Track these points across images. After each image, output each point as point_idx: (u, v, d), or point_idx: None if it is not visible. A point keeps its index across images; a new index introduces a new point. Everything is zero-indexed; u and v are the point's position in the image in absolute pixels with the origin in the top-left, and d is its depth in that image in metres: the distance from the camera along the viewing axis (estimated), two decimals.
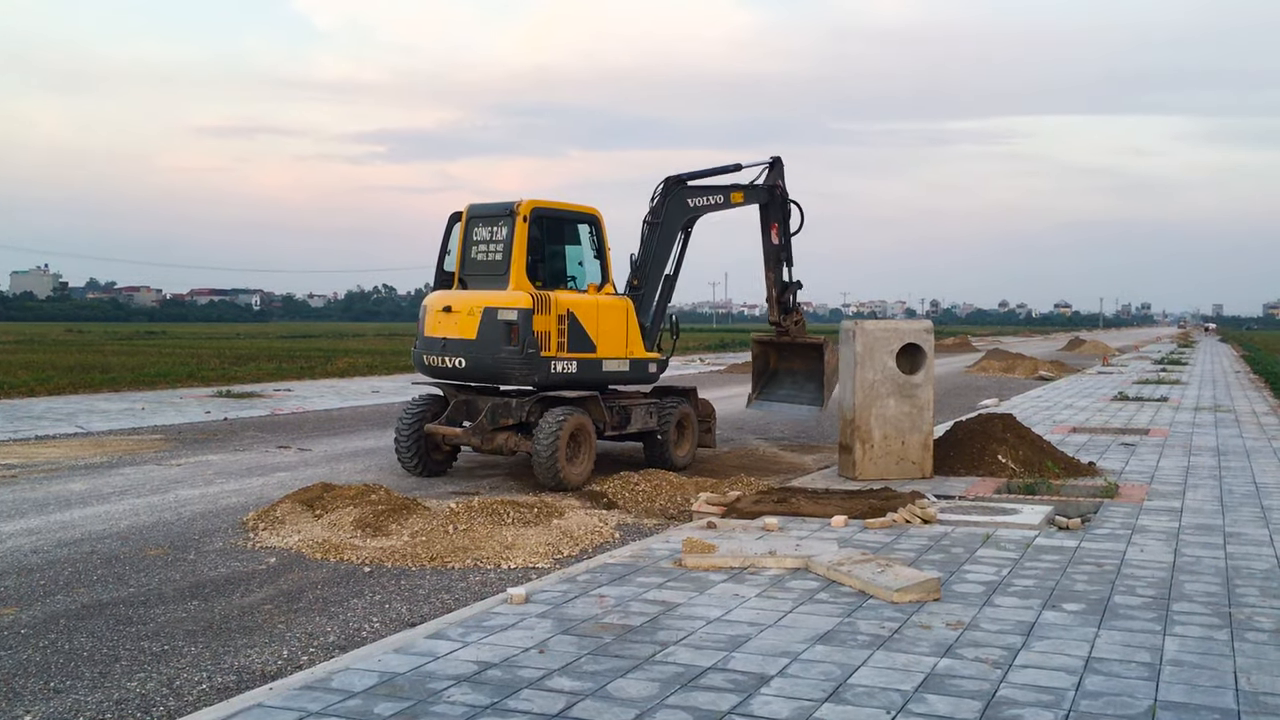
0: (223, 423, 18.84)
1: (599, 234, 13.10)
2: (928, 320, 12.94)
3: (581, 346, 12.37)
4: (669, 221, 13.57)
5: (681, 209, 13.72)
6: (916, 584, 6.81)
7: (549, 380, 12.11)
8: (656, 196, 13.54)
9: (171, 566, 8.31)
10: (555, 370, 12.10)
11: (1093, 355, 53.96)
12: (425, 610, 7.11)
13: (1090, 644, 5.88)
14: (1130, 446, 15.10)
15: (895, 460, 11.99)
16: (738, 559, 7.74)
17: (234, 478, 12.64)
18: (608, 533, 9.42)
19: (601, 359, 12.57)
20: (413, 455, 12.69)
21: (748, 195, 14.73)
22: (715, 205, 14.20)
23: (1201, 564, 7.85)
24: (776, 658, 5.60)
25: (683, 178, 13.77)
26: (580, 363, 12.35)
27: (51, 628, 6.73)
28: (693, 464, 13.69)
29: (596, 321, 12.54)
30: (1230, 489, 11.36)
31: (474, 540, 8.72)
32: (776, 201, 14.99)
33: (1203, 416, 20.00)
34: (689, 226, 13.99)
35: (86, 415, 19.47)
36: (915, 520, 9.26)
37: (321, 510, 9.65)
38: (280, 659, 6.16)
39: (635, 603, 6.70)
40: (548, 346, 12.00)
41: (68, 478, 12.52)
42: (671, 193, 13.62)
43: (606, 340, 12.63)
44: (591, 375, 12.51)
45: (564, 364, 12.19)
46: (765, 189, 14.86)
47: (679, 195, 13.66)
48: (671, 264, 13.84)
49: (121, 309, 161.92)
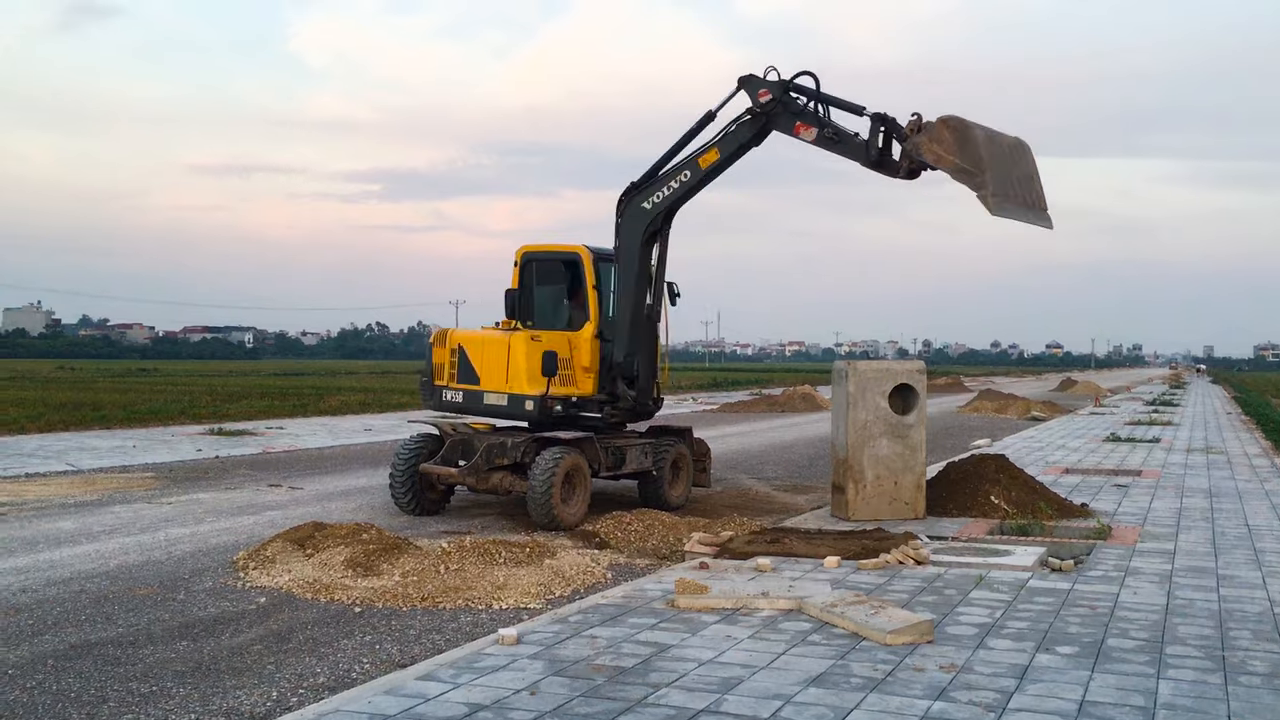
0: (214, 461, 18.77)
1: (580, 274, 13.07)
2: (920, 360, 12.97)
3: (468, 379, 12.98)
4: (626, 240, 12.57)
5: (639, 218, 12.43)
6: (909, 626, 6.79)
7: (440, 405, 13.23)
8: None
9: (161, 606, 8.25)
10: (444, 398, 13.14)
11: (1085, 396, 54.08)
12: (416, 651, 7.07)
13: (1084, 687, 5.86)
14: (1123, 488, 15.10)
15: (888, 501, 11.98)
16: (730, 600, 7.71)
17: (225, 516, 12.58)
18: (600, 573, 9.39)
19: (483, 391, 12.85)
20: (408, 494, 12.67)
21: (727, 145, 12.09)
22: (685, 187, 12.25)
23: (1195, 607, 7.84)
24: (770, 700, 5.58)
25: (637, 182, 12.53)
26: (465, 393, 13.00)
27: (39, 668, 6.67)
28: (687, 504, 13.66)
29: (481, 356, 12.92)
30: (1223, 531, 11.36)
31: (465, 580, 8.68)
32: (777, 110, 11.88)
33: (1195, 458, 20.03)
34: (659, 231, 12.65)
35: (77, 453, 19.39)
36: (908, 561, 9.24)
37: (312, 549, 9.60)
38: (270, 700, 6.12)
39: (627, 644, 6.67)
40: (441, 376, 13.17)
41: (58, 516, 12.45)
42: (625, 205, 12.52)
43: (488, 374, 12.85)
44: (473, 405, 13.00)
45: (452, 393, 13.08)
46: (753, 115, 11.98)
47: (634, 204, 12.47)
48: (647, 289, 12.71)
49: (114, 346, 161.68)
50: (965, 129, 11.06)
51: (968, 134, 11.02)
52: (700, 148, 12.24)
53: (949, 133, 11.04)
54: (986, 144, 11.12)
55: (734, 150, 12.12)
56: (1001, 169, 11.13)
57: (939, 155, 11.05)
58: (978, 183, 10.88)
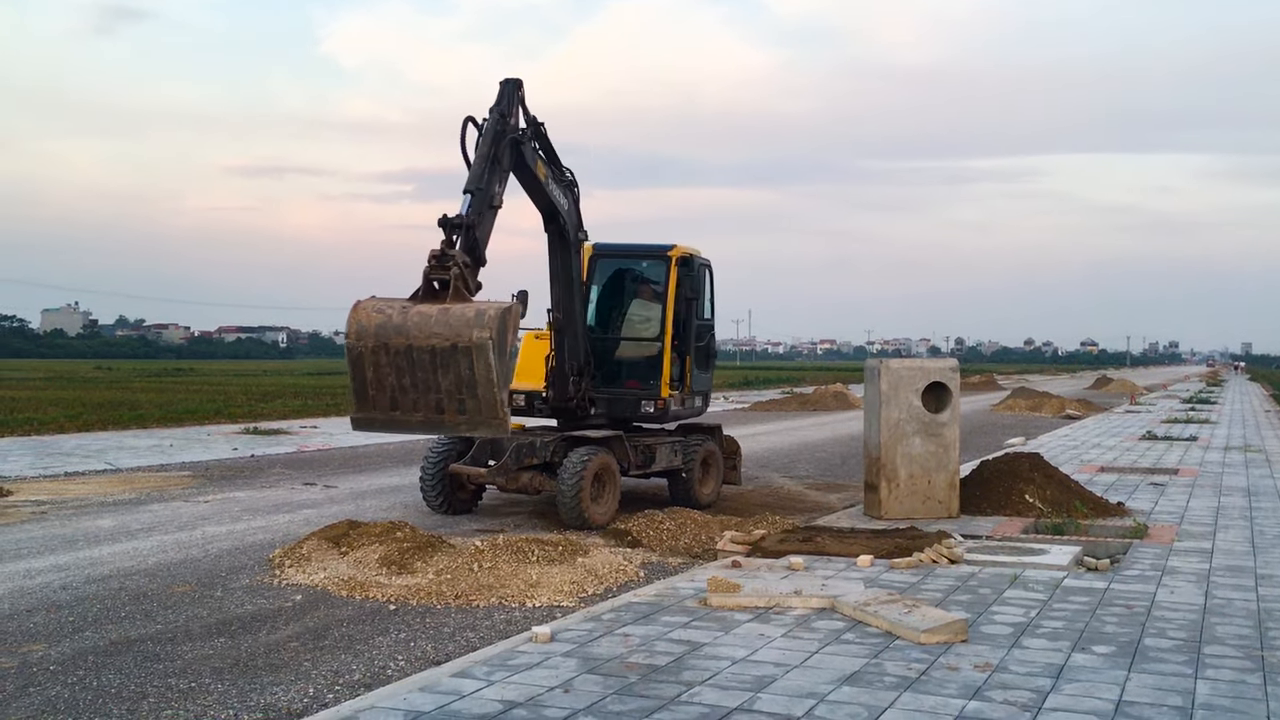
0: (250, 460, 18.95)
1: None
2: (953, 359, 12.90)
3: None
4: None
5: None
6: (944, 625, 6.77)
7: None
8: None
9: (198, 603, 8.35)
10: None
11: (1120, 394, 53.53)
12: (450, 649, 7.11)
13: (1121, 687, 5.82)
14: (1159, 486, 14.96)
15: (921, 499, 11.92)
16: (763, 598, 7.70)
17: (261, 515, 12.70)
18: (632, 571, 9.40)
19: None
20: (438, 494, 12.73)
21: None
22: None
23: (1233, 606, 7.76)
24: (803, 699, 5.57)
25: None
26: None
27: (80, 664, 6.77)
28: (717, 502, 13.66)
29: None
30: (1261, 530, 11.23)
31: (499, 578, 8.72)
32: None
33: (1233, 456, 19.80)
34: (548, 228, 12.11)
35: (115, 452, 19.63)
36: (942, 560, 9.19)
37: (347, 548, 9.67)
38: (306, 697, 6.18)
39: (660, 642, 6.68)
40: None
41: (96, 514, 12.61)
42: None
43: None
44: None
45: None
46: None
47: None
48: (559, 293, 12.21)
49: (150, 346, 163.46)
50: None
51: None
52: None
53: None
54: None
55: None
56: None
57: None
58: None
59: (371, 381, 9.63)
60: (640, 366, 13.20)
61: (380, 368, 9.53)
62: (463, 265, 9.65)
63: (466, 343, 9.10)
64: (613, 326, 13.59)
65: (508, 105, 10.87)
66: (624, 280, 13.84)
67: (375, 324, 9.53)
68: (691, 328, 13.20)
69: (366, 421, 9.92)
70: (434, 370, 9.32)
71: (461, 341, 9.11)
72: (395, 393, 9.57)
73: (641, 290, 13.52)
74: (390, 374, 9.51)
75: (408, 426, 9.83)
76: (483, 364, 9.09)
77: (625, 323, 13.52)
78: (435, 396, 9.43)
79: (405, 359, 9.41)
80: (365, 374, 9.64)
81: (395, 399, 9.61)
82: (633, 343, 13.35)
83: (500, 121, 10.70)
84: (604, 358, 13.17)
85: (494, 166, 10.53)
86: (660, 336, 12.99)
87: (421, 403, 9.52)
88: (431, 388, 9.41)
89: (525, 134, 11.09)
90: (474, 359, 9.11)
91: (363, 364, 9.60)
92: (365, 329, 9.57)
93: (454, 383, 9.27)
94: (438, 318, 9.28)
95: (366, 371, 9.62)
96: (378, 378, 9.58)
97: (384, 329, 9.46)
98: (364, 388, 9.71)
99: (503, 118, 10.75)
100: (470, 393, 9.25)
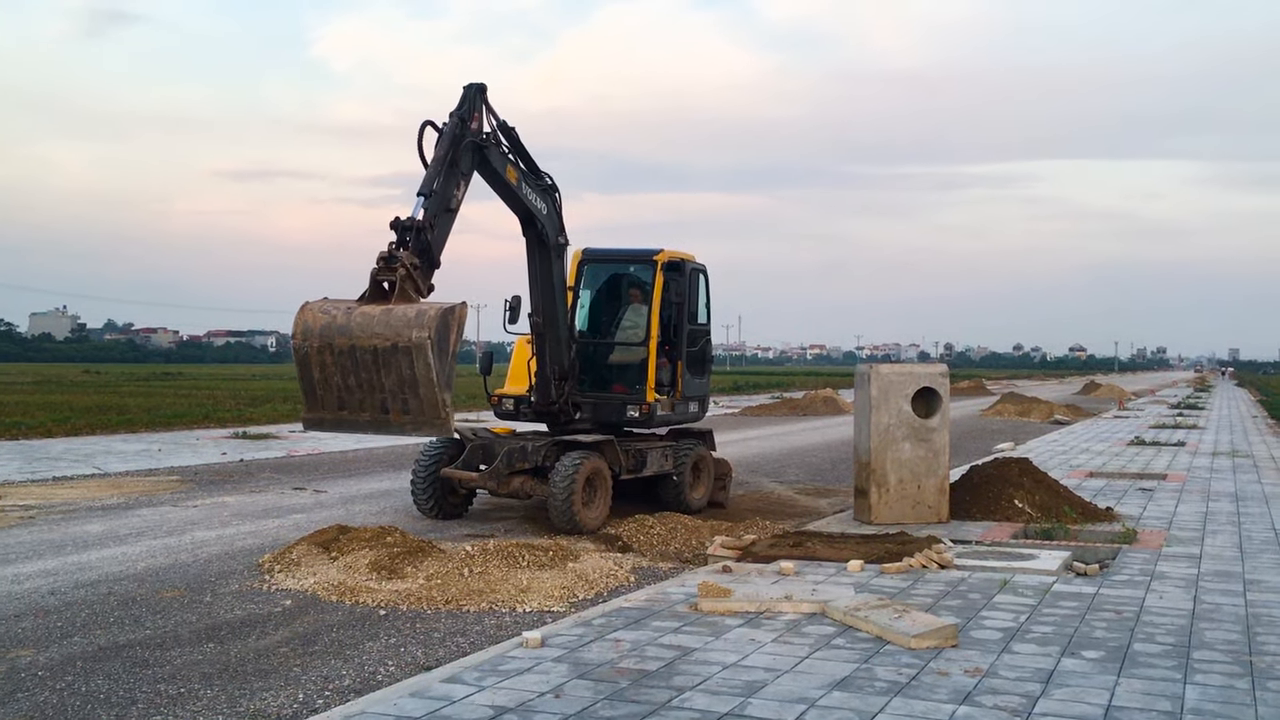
0: (239, 464, 18.90)
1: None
2: (943, 364, 12.94)
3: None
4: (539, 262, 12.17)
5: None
6: (934, 630, 6.78)
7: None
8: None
9: (188, 608, 8.32)
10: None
11: (1108, 399, 53.74)
12: (441, 654, 7.10)
13: (1110, 692, 5.84)
14: (1148, 491, 15.01)
15: (911, 504, 11.95)
16: (754, 603, 7.71)
17: (250, 519, 12.66)
18: (623, 576, 9.40)
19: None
20: (429, 498, 12.71)
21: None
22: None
23: (1221, 611, 7.79)
24: (794, 704, 5.58)
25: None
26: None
27: (68, 670, 6.74)
28: (707, 507, 13.65)
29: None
30: (1249, 535, 11.28)
31: (489, 583, 8.72)
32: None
33: (1220, 462, 19.88)
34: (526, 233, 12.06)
35: (104, 456, 19.56)
36: (932, 565, 9.21)
37: (337, 552, 9.66)
38: (296, 703, 6.16)
39: (651, 647, 6.68)
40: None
41: (85, 519, 12.56)
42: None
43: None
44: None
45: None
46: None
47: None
48: (538, 297, 12.11)
49: (138, 350, 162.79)
50: None
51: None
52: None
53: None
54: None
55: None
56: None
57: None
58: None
59: (319, 382, 9.71)
60: (627, 371, 13.21)
61: (326, 368, 9.61)
62: (410, 267, 9.66)
63: (406, 343, 9.14)
64: (602, 331, 13.60)
65: (469, 109, 10.82)
66: (613, 285, 13.86)
67: (320, 324, 9.60)
68: (683, 332, 13.20)
69: (316, 421, 10.02)
70: (377, 370, 9.37)
71: (401, 341, 9.16)
72: (342, 392, 9.66)
73: (631, 295, 13.53)
74: (336, 374, 9.58)
75: (356, 426, 9.90)
76: (422, 363, 9.13)
77: (613, 327, 13.53)
78: (380, 396, 9.50)
79: (349, 359, 9.47)
80: (313, 374, 9.71)
81: (342, 399, 9.70)
82: (620, 347, 13.35)
83: (459, 125, 10.65)
84: (593, 362, 13.19)
85: (451, 170, 10.49)
86: (645, 341, 12.98)
87: (368, 402, 9.59)
88: (376, 387, 9.47)
89: (489, 138, 11.06)
90: (414, 359, 9.15)
91: (309, 364, 9.68)
92: (310, 329, 9.63)
93: (396, 382, 9.33)
94: (380, 318, 9.33)
95: (314, 372, 9.70)
96: (324, 378, 9.66)
97: (328, 329, 9.53)
98: (313, 388, 9.79)
99: (462, 122, 10.70)
100: (413, 392, 9.31)
